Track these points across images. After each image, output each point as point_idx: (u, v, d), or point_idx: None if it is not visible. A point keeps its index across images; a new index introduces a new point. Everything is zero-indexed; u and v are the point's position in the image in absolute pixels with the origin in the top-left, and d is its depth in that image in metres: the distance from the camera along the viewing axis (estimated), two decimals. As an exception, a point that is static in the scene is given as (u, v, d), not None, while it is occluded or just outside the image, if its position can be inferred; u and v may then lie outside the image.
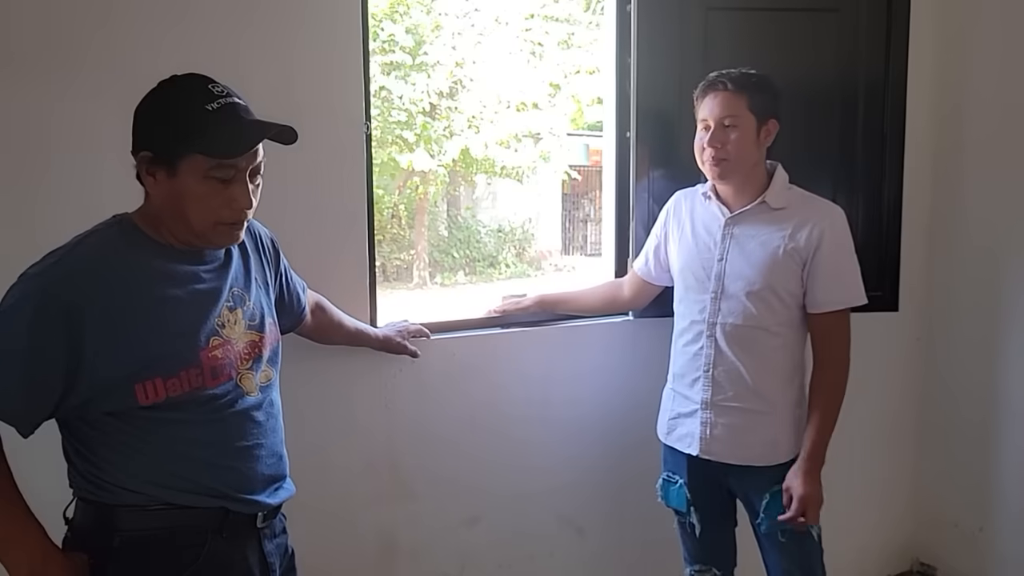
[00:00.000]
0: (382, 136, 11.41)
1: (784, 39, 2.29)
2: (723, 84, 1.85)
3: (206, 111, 1.23)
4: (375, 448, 2.09)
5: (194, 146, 1.21)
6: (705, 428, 1.94)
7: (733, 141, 1.84)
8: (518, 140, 12.50)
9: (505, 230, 14.98)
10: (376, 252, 2.07)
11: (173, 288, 1.28)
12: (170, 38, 1.74)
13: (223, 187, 1.25)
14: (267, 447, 1.39)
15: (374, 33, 11.17)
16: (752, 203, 1.90)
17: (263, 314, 1.43)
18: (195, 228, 1.27)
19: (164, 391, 1.24)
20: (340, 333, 1.88)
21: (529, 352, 2.28)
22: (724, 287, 1.90)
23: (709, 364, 1.92)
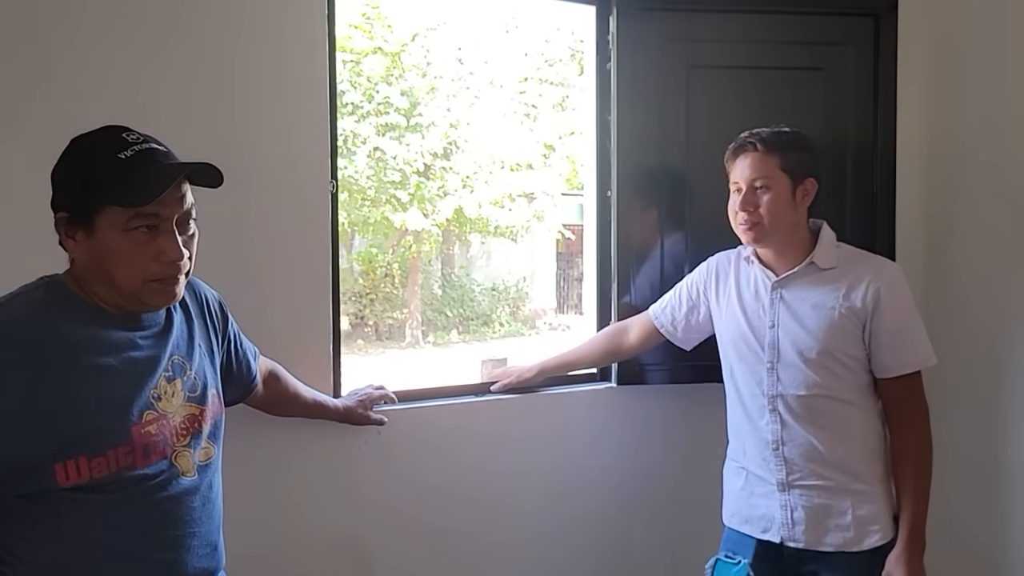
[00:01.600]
0: (376, 195, 11.44)
1: (769, 99, 2.23)
2: (752, 145, 1.76)
3: (118, 160, 1.13)
4: (336, 530, 1.94)
5: (107, 198, 1.12)
6: (786, 512, 1.78)
7: (765, 204, 1.74)
8: (512, 200, 12.54)
9: (499, 289, 14.93)
10: (340, 312, 1.96)
11: (104, 357, 1.16)
12: (127, 93, 1.66)
13: (148, 239, 1.15)
14: (201, 536, 1.25)
15: (369, 95, 11.31)
16: (799, 265, 1.79)
17: (205, 384, 1.31)
18: (124, 288, 1.16)
19: (88, 471, 1.12)
20: (296, 404, 1.75)
21: (506, 422, 2.15)
22: (780, 355, 1.77)
23: (777, 441, 1.78)
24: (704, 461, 2.10)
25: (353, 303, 13.41)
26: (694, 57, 2.20)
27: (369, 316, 13.50)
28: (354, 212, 11.36)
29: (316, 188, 1.87)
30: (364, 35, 11.41)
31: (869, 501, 1.76)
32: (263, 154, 1.80)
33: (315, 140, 1.86)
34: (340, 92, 8.20)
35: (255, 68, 1.80)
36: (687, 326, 2.02)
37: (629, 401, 2.30)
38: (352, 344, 12.95)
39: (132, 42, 1.67)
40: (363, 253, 13.21)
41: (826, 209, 2.22)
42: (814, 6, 2.25)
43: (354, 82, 11.32)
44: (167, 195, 1.15)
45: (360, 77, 11.37)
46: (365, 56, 11.37)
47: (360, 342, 13.07)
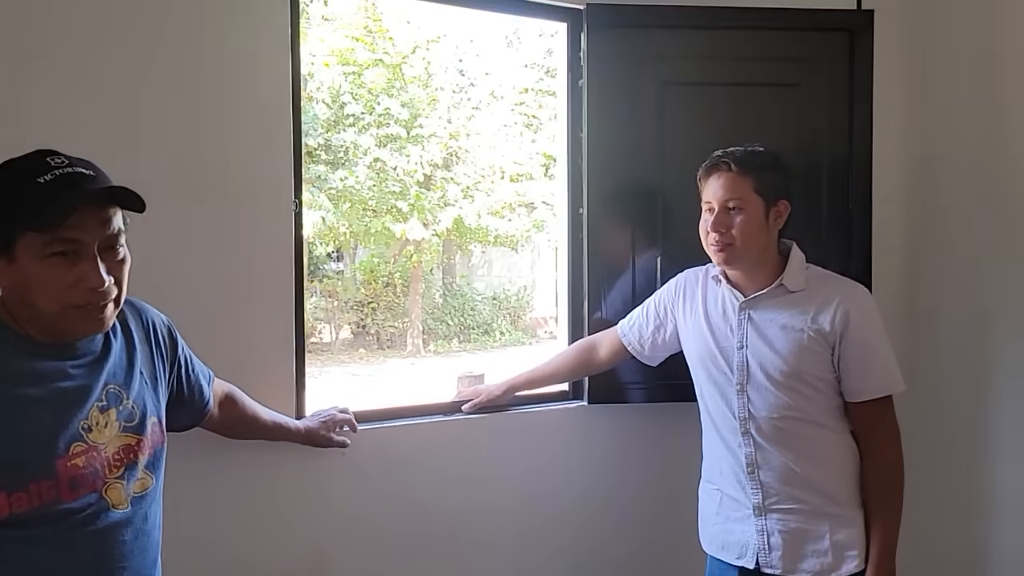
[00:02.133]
0: (377, 206, 11.45)
1: (742, 115, 2.21)
2: (726, 164, 1.73)
3: (36, 184, 1.11)
4: (305, 551, 1.92)
5: (24, 224, 1.10)
6: (763, 537, 1.75)
7: (738, 225, 1.71)
8: (512, 209, 12.54)
9: (500, 298, 14.91)
10: (304, 331, 1.93)
11: (29, 388, 1.14)
12: (85, 111, 1.65)
13: (68, 265, 1.12)
14: (132, 570, 1.22)
15: (370, 107, 11.33)
16: (768, 286, 1.76)
17: (144, 413, 1.28)
18: (45, 316, 1.14)
19: (8, 507, 1.10)
20: (255, 427, 1.73)
21: (475, 442, 2.13)
22: (749, 376, 1.75)
23: (753, 464, 1.75)
24: (680, 482, 2.07)
25: (355, 312, 13.42)
26: (666, 73, 2.18)
27: (371, 325, 13.50)
28: (356, 222, 11.37)
29: (279, 207, 1.85)
30: (366, 47, 11.44)
31: (847, 525, 1.73)
32: (226, 174, 1.79)
33: (278, 160, 1.85)
34: (341, 104, 8.20)
35: (219, 89, 1.78)
36: (653, 343, 2.00)
37: (602, 420, 2.27)
38: (354, 352, 12.95)
39: (97, 58, 1.66)
40: (365, 263, 13.23)
41: (801, 227, 2.20)
42: (788, 22, 2.22)
43: (355, 94, 11.35)
44: (87, 220, 1.12)
45: (361, 89, 11.40)
46: (367, 68, 11.40)
47: (362, 350, 13.07)
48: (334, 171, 11.14)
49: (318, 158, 11.20)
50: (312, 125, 10.94)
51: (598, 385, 2.23)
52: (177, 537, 1.42)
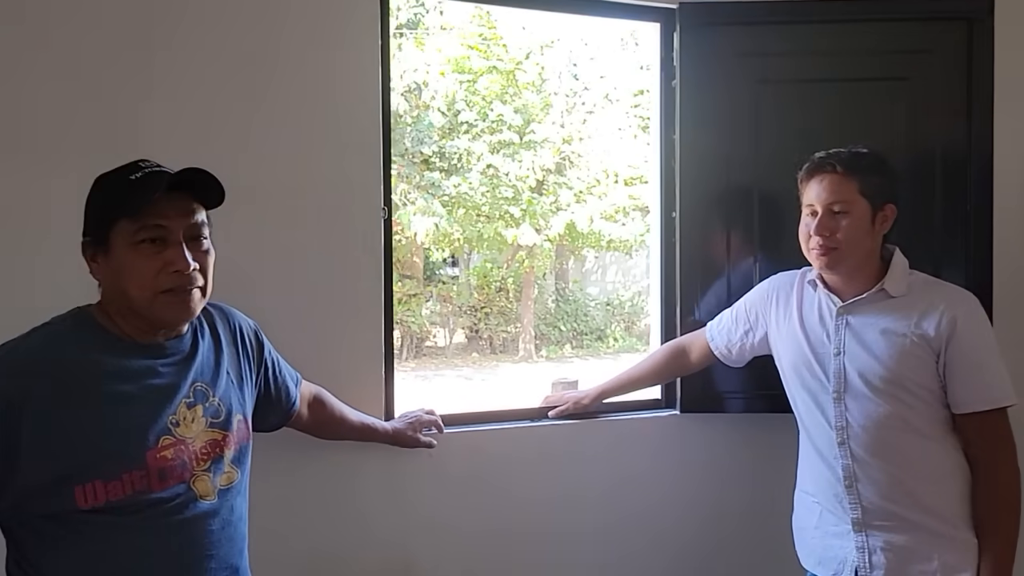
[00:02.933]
0: (490, 212, 11.62)
1: (845, 112, 2.10)
2: (831, 166, 1.66)
3: (129, 180, 1.21)
4: (389, 550, 1.96)
5: (117, 213, 1.20)
6: (863, 555, 1.67)
7: (843, 229, 1.64)
8: (626, 213, 12.42)
9: (614, 303, 14.78)
10: (393, 335, 1.98)
11: (123, 384, 1.23)
12: (188, 126, 1.76)
13: (157, 252, 1.22)
14: (219, 559, 1.29)
15: (483, 114, 11.51)
16: (868, 291, 1.68)
17: (230, 411, 1.35)
18: (137, 303, 1.22)
19: (104, 494, 1.18)
20: (344, 428, 1.79)
21: (562, 448, 2.11)
22: (847, 384, 1.67)
23: (851, 477, 1.67)
24: (777, 496, 1.98)
25: (468, 317, 13.65)
26: (762, 71, 2.10)
27: (484, 330, 13.69)
28: (469, 228, 11.57)
29: (369, 214, 1.91)
30: (480, 55, 11.64)
31: (957, 546, 1.62)
32: (319, 183, 1.86)
33: (368, 169, 1.91)
34: (456, 112, 8.35)
35: (313, 104, 1.86)
36: (741, 348, 1.94)
37: (695, 429, 2.21)
38: (467, 356, 13.18)
39: (195, 79, 1.77)
40: (478, 268, 13.43)
41: (913, 231, 2.08)
42: (894, 13, 2.09)
43: (469, 101, 11.57)
44: (171, 208, 1.22)
45: (475, 96, 11.60)
46: (481, 75, 11.60)
47: (475, 355, 13.27)
48: (448, 178, 11.37)
49: (433, 165, 11.48)
50: (427, 133, 11.23)
51: (691, 393, 2.18)
52: (265, 530, 1.48)
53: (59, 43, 1.68)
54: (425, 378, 11.28)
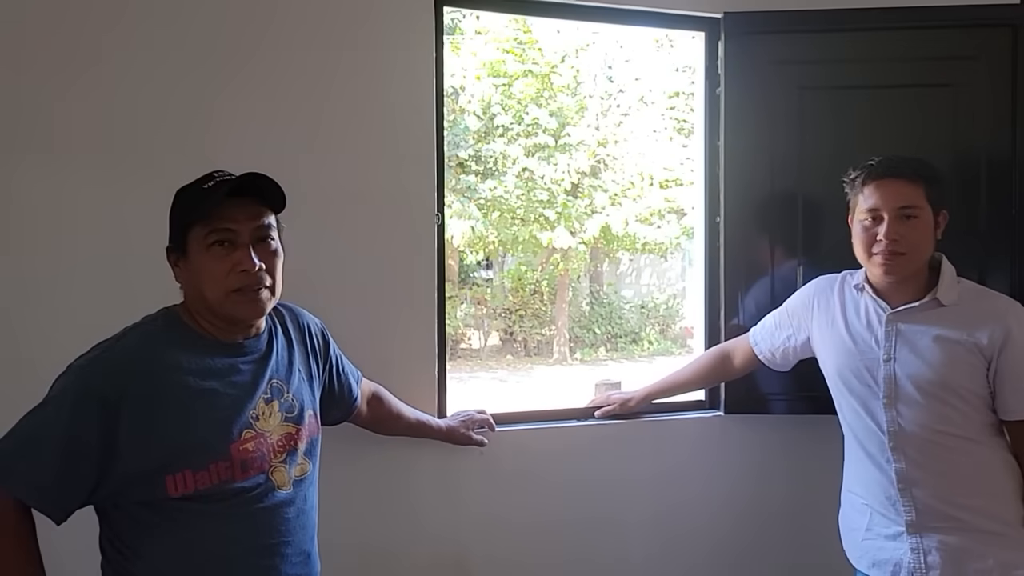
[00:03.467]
0: (525, 215, 11.68)
1: (889, 118, 2.13)
2: (898, 171, 1.67)
3: (202, 189, 1.31)
4: (442, 544, 2.04)
5: (190, 217, 1.30)
6: (918, 556, 1.68)
7: (914, 233, 1.67)
8: (661, 216, 12.39)
9: (648, 306, 14.74)
10: (446, 337, 2.05)
11: (209, 381, 1.32)
12: (252, 137, 1.85)
13: (226, 254, 1.30)
14: (294, 545, 1.37)
15: (519, 117, 11.58)
16: (920, 300, 1.70)
17: (303, 406, 1.44)
18: (212, 303, 1.31)
19: (193, 483, 1.27)
20: (400, 424, 1.87)
21: (609, 448, 2.17)
22: (898, 391, 1.70)
23: (905, 480, 1.69)
24: (819, 496, 2.03)
25: (503, 319, 13.71)
26: (806, 78, 2.14)
27: (518, 332, 13.74)
28: (504, 231, 11.65)
29: (423, 220, 1.99)
30: (516, 59, 11.72)
31: (1013, 547, 1.64)
32: (376, 190, 1.95)
33: (423, 178, 1.99)
34: (492, 115, 8.40)
35: (369, 114, 1.94)
36: (784, 352, 1.98)
37: (739, 431, 2.25)
38: (501, 359, 13.24)
39: (259, 93, 1.87)
40: (513, 271, 13.49)
41: (957, 237, 2.09)
42: (941, 20, 2.12)
43: (505, 105, 11.65)
44: (239, 212, 1.31)
45: (511, 100, 11.68)
46: (516, 79, 11.67)
47: (509, 357, 13.33)
48: (483, 181, 11.46)
49: (469, 168, 11.58)
50: (463, 137, 11.33)
51: (735, 395, 2.22)
52: (321, 523, 1.54)
53: (135, 54, 1.79)
54: (460, 380, 11.37)
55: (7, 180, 1.73)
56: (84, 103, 1.76)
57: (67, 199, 1.75)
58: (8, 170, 1.73)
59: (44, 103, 1.74)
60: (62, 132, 1.75)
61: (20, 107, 1.72)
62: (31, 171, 1.74)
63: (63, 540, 1.31)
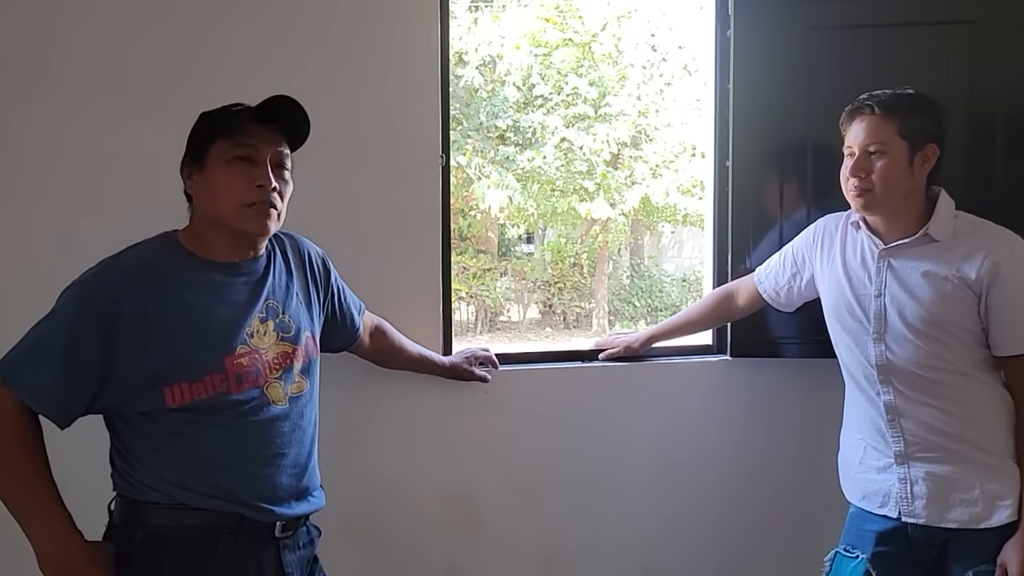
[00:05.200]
0: (564, 186, 11.65)
1: (905, 58, 2.08)
2: (869, 108, 1.69)
3: (229, 110, 1.39)
4: (445, 479, 2.09)
5: (215, 134, 1.37)
6: (905, 486, 1.71)
7: (878, 171, 1.67)
8: (703, 188, 12.23)
9: (690, 279, 14.62)
10: (451, 280, 2.09)
11: (205, 298, 1.38)
12: (243, 66, 1.89)
13: (246, 170, 1.37)
14: (290, 457, 1.43)
15: (558, 87, 11.51)
16: (912, 235, 1.70)
17: (299, 327, 1.49)
18: (225, 216, 1.38)
19: (189, 394, 1.33)
20: (402, 358, 1.91)
21: (613, 390, 2.19)
22: (887, 326, 1.71)
23: (893, 412, 1.71)
24: (825, 439, 1.99)
25: (542, 292, 13.73)
26: (818, 17, 2.11)
27: (557, 305, 13.75)
28: (543, 202, 11.63)
29: (427, 161, 2.02)
30: (556, 28, 11.63)
31: (999, 475, 1.64)
32: (375, 129, 1.98)
33: (427, 117, 2.01)
34: (531, 86, 8.37)
35: (367, 40, 1.97)
36: (789, 291, 1.97)
37: (745, 374, 2.25)
38: (540, 332, 13.29)
39: (263, 30, 1.92)
40: (552, 243, 13.48)
41: (973, 178, 2.06)
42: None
43: (544, 75, 11.58)
44: (262, 132, 1.38)
45: (550, 69, 11.60)
46: (556, 48, 11.58)
47: (548, 330, 13.36)
48: (522, 152, 11.44)
49: (508, 139, 11.56)
50: (502, 107, 11.31)
51: (742, 338, 2.22)
52: (325, 457, 1.58)
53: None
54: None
55: (23, 116, 1.81)
56: (94, 42, 1.83)
57: (78, 133, 1.83)
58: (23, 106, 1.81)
59: (56, 43, 1.81)
60: (73, 71, 1.82)
61: (33, 46, 1.80)
62: (44, 107, 1.81)
63: (76, 455, 1.38)
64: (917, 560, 1.70)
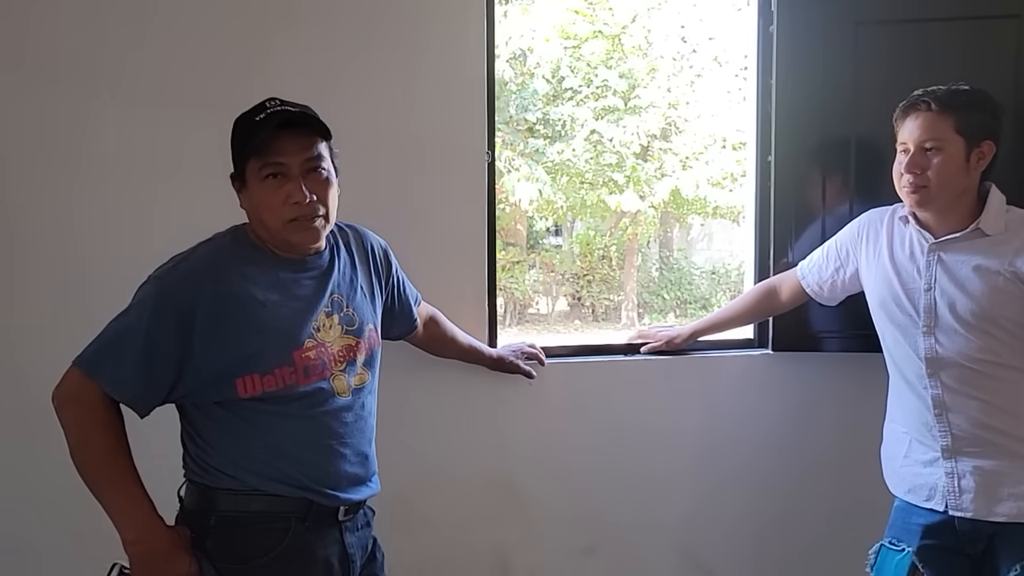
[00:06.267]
0: (593, 178, 11.65)
1: (950, 53, 2.08)
2: (926, 104, 1.69)
3: (255, 122, 1.40)
4: (490, 467, 2.14)
5: (245, 151, 1.39)
6: (952, 480, 1.72)
7: (934, 167, 1.68)
8: (734, 180, 12.16)
9: (720, 272, 14.53)
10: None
11: (274, 293, 1.43)
12: (291, 65, 1.94)
13: (279, 186, 1.40)
14: (353, 446, 1.49)
15: (588, 79, 11.49)
16: (962, 229, 1.72)
17: (363, 320, 1.54)
18: (272, 231, 1.42)
19: (260, 386, 1.40)
20: (453, 347, 1.97)
21: (655, 383, 2.23)
22: (937, 320, 1.72)
23: (941, 406, 1.72)
24: (866, 433, 2.01)
25: (571, 284, 13.74)
26: (861, 13, 2.12)
27: (586, 297, 13.75)
28: (572, 195, 11.64)
29: (474, 157, 2.07)
30: (586, 20, 11.61)
31: None
32: (422, 126, 2.03)
33: (473, 115, 2.06)
34: (560, 78, 8.38)
35: (414, 38, 2.01)
36: (832, 285, 1.99)
37: (787, 369, 2.27)
38: (569, 324, 13.31)
39: (317, 34, 1.97)
40: (581, 236, 13.48)
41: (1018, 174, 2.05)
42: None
43: (574, 67, 11.57)
44: (288, 146, 1.39)
45: (580, 62, 11.59)
46: (585, 41, 11.57)
47: (577, 322, 13.38)
48: (552, 144, 11.45)
49: (537, 132, 11.58)
50: (532, 100, 11.32)
51: (784, 332, 2.24)
52: (381, 439, 1.63)
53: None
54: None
55: (85, 120, 1.88)
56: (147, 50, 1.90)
57: (131, 135, 1.90)
58: (84, 111, 1.88)
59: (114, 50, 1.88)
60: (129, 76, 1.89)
61: (98, 55, 1.88)
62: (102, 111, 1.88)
63: (152, 436, 1.45)
64: (964, 553, 1.71)
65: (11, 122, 1.85)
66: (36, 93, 1.85)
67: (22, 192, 1.86)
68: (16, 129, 1.85)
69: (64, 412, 1.38)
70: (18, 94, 1.84)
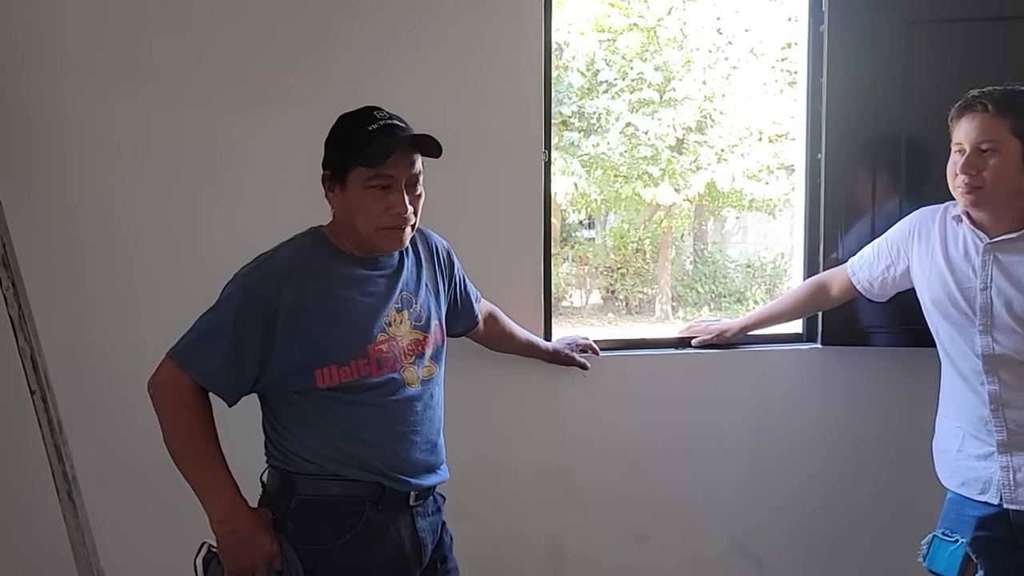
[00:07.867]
0: (628, 171, 11.63)
1: (1000, 52, 2.11)
2: (982, 105, 1.71)
3: (367, 131, 1.47)
4: (546, 457, 2.22)
5: (355, 160, 1.46)
6: (1008, 473, 1.74)
7: (990, 169, 1.71)
8: (770, 172, 12.07)
9: (755, 265, 14.43)
10: (554, 279, 2.21)
11: (350, 290, 1.52)
12: (380, 80, 2.03)
13: (382, 195, 1.47)
14: (422, 434, 1.57)
15: (623, 72, 11.47)
16: (1019, 231, 1.74)
17: (429, 316, 1.62)
18: (362, 234, 1.50)
19: (337, 377, 1.48)
20: (511, 342, 2.04)
21: (705, 375, 2.28)
22: (993, 318, 1.75)
23: (999, 403, 1.74)
24: (917, 430, 2.05)
25: (604, 277, 13.74)
26: (913, 12, 2.14)
27: (620, 290, 13.73)
28: (606, 188, 11.64)
29: (531, 157, 2.14)
30: (621, 12, 11.58)
31: None
32: (480, 126, 2.10)
33: (531, 116, 2.13)
34: (595, 71, 8.39)
35: (473, 40, 2.08)
36: (883, 282, 2.02)
37: (836, 363, 2.31)
38: (603, 317, 13.32)
39: (382, 37, 2.05)
40: (615, 229, 13.47)
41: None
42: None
43: (609, 60, 11.56)
44: (398, 160, 1.47)
45: (615, 55, 11.57)
46: (621, 33, 11.55)
47: (611, 315, 13.37)
48: (587, 138, 11.46)
49: (572, 125, 11.59)
50: (567, 93, 11.33)
51: (833, 327, 2.28)
52: (450, 432, 1.72)
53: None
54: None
55: (173, 116, 1.99)
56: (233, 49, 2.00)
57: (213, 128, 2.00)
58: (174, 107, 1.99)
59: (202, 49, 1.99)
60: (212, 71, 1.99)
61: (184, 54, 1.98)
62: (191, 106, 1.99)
63: (236, 424, 1.55)
64: (1018, 545, 1.74)
65: (119, 124, 1.97)
66: (157, 95, 1.97)
67: (135, 194, 1.99)
68: (127, 131, 1.97)
69: (158, 400, 1.48)
70: (136, 95, 1.96)
